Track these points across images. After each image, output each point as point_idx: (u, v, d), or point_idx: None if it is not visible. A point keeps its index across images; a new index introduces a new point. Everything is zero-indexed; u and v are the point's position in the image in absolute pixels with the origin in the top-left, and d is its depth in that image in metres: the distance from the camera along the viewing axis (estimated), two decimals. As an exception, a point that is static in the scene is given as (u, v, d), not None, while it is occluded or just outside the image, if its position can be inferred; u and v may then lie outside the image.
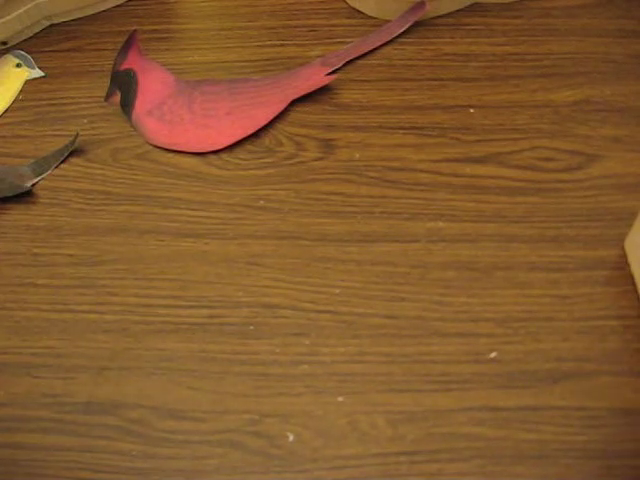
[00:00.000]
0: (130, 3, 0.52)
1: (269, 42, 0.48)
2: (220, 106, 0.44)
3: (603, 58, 0.44)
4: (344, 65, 0.46)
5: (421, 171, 0.41)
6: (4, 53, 0.50)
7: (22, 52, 0.50)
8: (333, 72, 0.46)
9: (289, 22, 0.49)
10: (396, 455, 0.32)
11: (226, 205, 0.41)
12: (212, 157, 0.43)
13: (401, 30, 0.47)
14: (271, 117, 0.43)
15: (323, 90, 0.45)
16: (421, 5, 0.47)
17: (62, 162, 0.44)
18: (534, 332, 0.35)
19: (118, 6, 0.52)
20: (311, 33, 0.48)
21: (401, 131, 0.43)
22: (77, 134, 0.43)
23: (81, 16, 0.52)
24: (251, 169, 0.42)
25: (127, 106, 0.45)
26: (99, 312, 0.38)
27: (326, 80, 0.44)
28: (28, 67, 0.49)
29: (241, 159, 0.43)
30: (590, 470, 0.31)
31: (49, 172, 0.44)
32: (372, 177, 0.41)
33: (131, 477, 0.33)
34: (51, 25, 0.52)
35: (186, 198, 0.41)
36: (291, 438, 0.33)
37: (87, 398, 0.35)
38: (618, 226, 0.38)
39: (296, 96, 0.44)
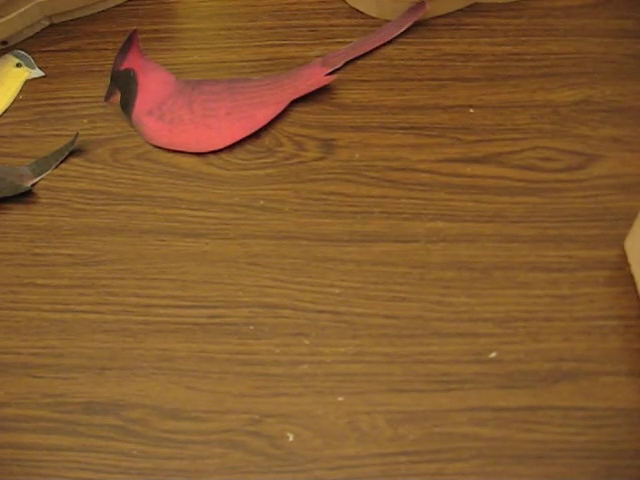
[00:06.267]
0: (130, 3, 0.52)
1: (269, 42, 0.48)
2: (220, 106, 0.44)
3: (603, 58, 0.44)
4: (344, 65, 0.46)
5: (421, 171, 0.41)
6: (4, 53, 0.50)
7: (22, 52, 0.50)
8: (333, 72, 0.46)
9: (289, 22, 0.49)
10: (396, 455, 0.32)
11: (226, 205, 0.41)
12: (212, 157, 0.43)
13: (401, 30, 0.47)
14: (271, 117, 0.43)
15: (323, 90, 0.45)
16: (421, 5, 0.47)
17: (62, 162, 0.44)
18: (534, 332, 0.35)
19: (118, 6, 0.52)
20: (311, 33, 0.48)
21: (401, 131, 0.43)
22: (77, 134, 0.43)
23: (81, 16, 0.52)
24: (251, 169, 0.42)
25: (127, 106, 0.45)
26: (99, 312, 0.38)
27: (326, 80, 0.44)
28: (28, 67, 0.49)
29: (241, 159, 0.43)
30: (590, 470, 0.31)
31: (49, 172, 0.44)
32: (372, 177, 0.41)
33: (131, 477, 0.33)
34: (51, 25, 0.52)
35: (186, 198, 0.41)
36: (291, 438, 0.33)
37: (87, 398, 0.35)
38: (618, 226, 0.38)
39: (296, 96, 0.44)
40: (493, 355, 0.34)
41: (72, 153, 0.44)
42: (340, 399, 0.34)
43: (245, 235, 0.40)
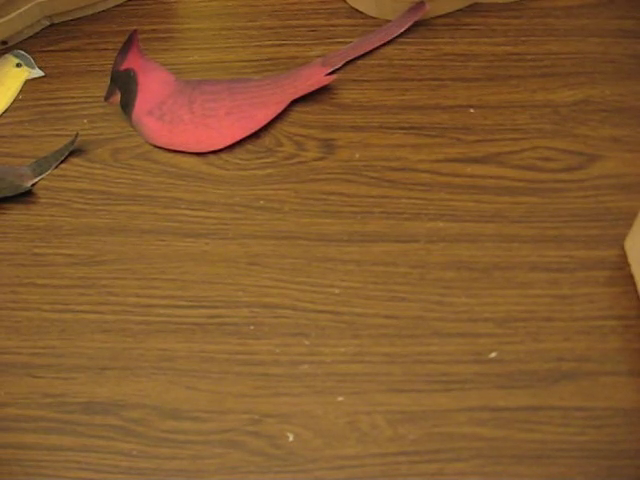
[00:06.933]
0: (130, 3, 0.52)
1: (269, 42, 0.48)
2: (220, 106, 0.44)
3: (603, 58, 0.44)
4: (344, 65, 0.46)
5: (421, 171, 0.41)
6: (4, 53, 0.50)
7: (22, 52, 0.50)
8: (333, 72, 0.46)
9: (289, 22, 0.49)
10: (396, 455, 0.32)
11: (226, 205, 0.41)
12: (212, 157, 0.43)
13: (401, 30, 0.47)
14: (271, 117, 0.43)
15: (323, 90, 0.45)
16: (421, 5, 0.47)
17: (62, 162, 0.44)
18: (534, 332, 0.35)
19: (118, 6, 0.52)
20: (311, 33, 0.48)
21: (401, 131, 0.43)
22: (77, 134, 0.43)
23: (81, 16, 0.52)
24: (251, 169, 0.42)
25: (127, 106, 0.45)
26: (99, 312, 0.38)
27: (326, 80, 0.44)
28: (28, 67, 0.49)
29: (241, 159, 0.43)
30: (590, 470, 0.31)
31: (49, 172, 0.44)
32: (372, 177, 0.41)
33: (131, 477, 0.33)
34: (51, 25, 0.52)
35: (186, 198, 0.41)
36: (291, 438, 0.33)
37: (87, 398, 0.35)
38: (618, 226, 0.38)
39: (296, 96, 0.44)
40: (493, 355, 0.34)
41: (72, 153, 0.44)
42: (340, 399, 0.34)
43: (245, 235, 0.40)
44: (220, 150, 0.43)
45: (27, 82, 0.49)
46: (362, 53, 0.46)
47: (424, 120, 0.43)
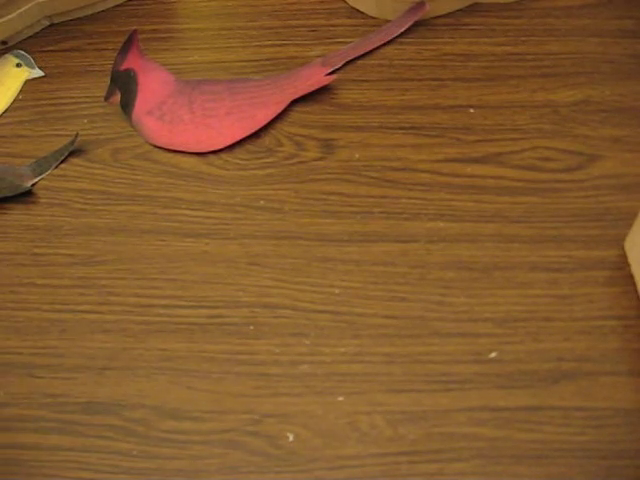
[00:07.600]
0: (130, 3, 0.52)
1: (269, 42, 0.48)
2: (220, 106, 0.44)
3: (603, 58, 0.44)
4: (344, 65, 0.46)
5: (421, 171, 0.41)
6: (4, 53, 0.50)
7: (22, 52, 0.50)
8: (333, 72, 0.46)
9: (289, 22, 0.49)
10: (396, 455, 0.32)
11: (226, 205, 0.41)
12: (212, 157, 0.43)
13: (401, 30, 0.47)
14: (271, 117, 0.43)
15: (323, 90, 0.45)
16: (421, 5, 0.47)
17: (62, 162, 0.44)
18: (534, 332, 0.35)
19: (118, 6, 0.52)
20: (311, 33, 0.48)
21: (401, 131, 0.43)
22: (77, 134, 0.43)
23: (81, 16, 0.52)
24: (251, 169, 0.42)
25: (127, 106, 0.45)
26: (99, 312, 0.38)
27: (326, 80, 0.44)
28: (28, 67, 0.49)
29: (241, 159, 0.43)
30: (590, 470, 0.31)
31: (49, 172, 0.44)
32: (372, 177, 0.41)
33: (131, 477, 0.33)
34: (51, 25, 0.52)
35: (186, 198, 0.41)
36: (291, 438, 0.33)
37: (87, 398, 0.35)
38: (618, 226, 0.38)
39: (296, 96, 0.44)
40: (493, 355, 0.34)
41: (72, 153, 0.44)
42: (340, 399, 0.34)
43: (245, 235, 0.40)
44: (220, 150, 0.43)
45: (27, 82, 0.49)
46: (362, 53, 0.46)
47: (424, 120, 0.43)
